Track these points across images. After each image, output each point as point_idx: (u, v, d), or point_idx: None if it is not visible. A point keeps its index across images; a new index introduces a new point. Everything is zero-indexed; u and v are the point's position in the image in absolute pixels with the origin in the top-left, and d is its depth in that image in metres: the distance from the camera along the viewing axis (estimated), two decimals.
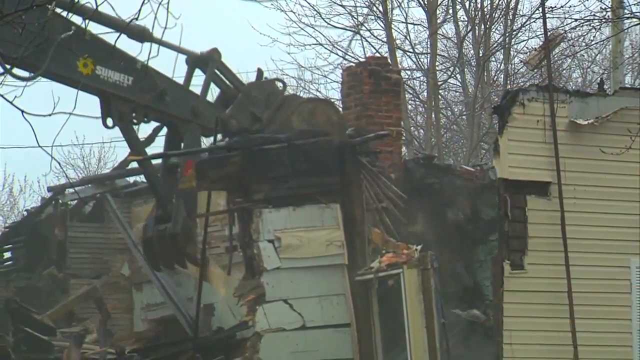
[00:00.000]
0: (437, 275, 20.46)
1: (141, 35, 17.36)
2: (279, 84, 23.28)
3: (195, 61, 20.95)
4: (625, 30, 32.65)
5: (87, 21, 16.97)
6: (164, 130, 22.05)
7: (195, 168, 22.11)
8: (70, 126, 21.48)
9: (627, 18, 30.05)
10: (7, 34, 12.09)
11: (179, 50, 19.86)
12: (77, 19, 17.57)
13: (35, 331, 24.06)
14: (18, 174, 58.77)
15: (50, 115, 17.51)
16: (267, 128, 21.34)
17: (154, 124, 21.83)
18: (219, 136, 22.00)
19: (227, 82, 21.88)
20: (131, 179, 29.75)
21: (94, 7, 9.72)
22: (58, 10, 14.82)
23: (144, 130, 22.19)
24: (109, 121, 19.33)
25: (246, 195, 21.75)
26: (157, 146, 22.28)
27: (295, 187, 21.69)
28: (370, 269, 21.29)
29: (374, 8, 38.34)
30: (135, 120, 19.98)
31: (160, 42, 17.38)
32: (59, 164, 21.59)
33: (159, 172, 22.11)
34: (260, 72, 25.69)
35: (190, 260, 22.35)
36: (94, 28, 17.35)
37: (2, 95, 10.06)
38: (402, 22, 39.51)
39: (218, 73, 21.67)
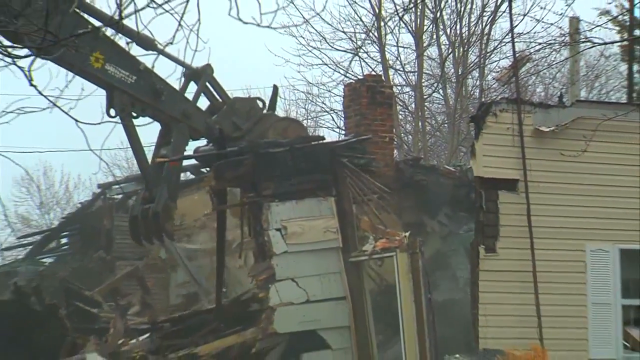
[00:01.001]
0: (423, 258, 20.49)
1: (150, 45, 17.10)
2: (259, 102, 23.39)
3: (190, 74, 20.94)
4: (581, 52, 32.42)
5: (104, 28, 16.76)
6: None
7: (214, 170, 22.14)
8: (115, 132, 21.37)
9: (582, 42, 29.83)
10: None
11: (178, 62, 19.70)
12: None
13: (85, 305, 23.88)
14: (73, 172, 58.80)
15: (99, 123, 17.13)
16: (245, 137, 21.72)
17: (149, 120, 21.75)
18: (204, 141, 22.30)
19: (215, 94, 21.79)
20: None
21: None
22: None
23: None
24: (112, 111, 19.19)
25: (257, 192, 21.87)
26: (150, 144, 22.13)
27: (297, 184, 21.90)
28: (363, 251, 21.38)
29: (370, 34, 38.34)
30: (134, 113, 19.84)
31: (163, 53, 17.19)
32: (107, 164, 21.66)
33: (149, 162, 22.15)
34: (275, 88, 25.50)
35: (168, 236, 22.43)
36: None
37: (60, 108, 9.84)
38: (394, 46, 39.58)
39: (209, 85, 21.63)
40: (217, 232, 22.43)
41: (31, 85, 9.51)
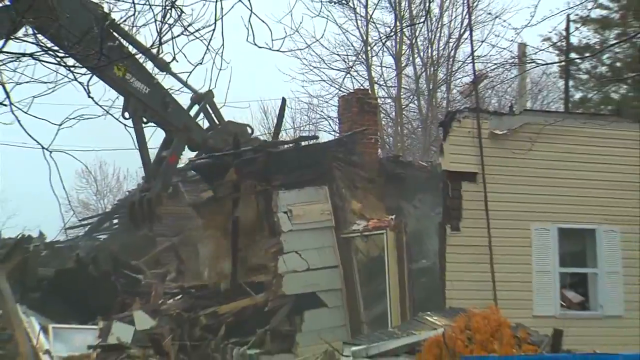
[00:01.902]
0: (407, 236, 20.69)
1: (164, 67, 16.98)
2: (249, 129, 23.57)
3: (195, 98, 20.73)
4: (527, 71, 32.33)
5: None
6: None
7: (235, 166, 22.17)
8: (157, 133, 21.35)
9: (528, 63, 29.72)
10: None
11: (186, 85, 19.65)
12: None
13: (132, 272, 23.86)
14: (123, 166, 58.54)
15: (144, 126, 16.98)
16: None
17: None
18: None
19: (213, 115, 21.49)
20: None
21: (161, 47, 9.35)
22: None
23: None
24: (126, 114, 19.08)
25: (268, 182, 21.93)
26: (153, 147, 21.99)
27: (299, 176, 22.00)
28: (354, 230, 21.62)
29: (359, 56, 38.16)
30: (144, 119, 19.71)
31: (174, 76, 17.15)
32: (150, 159, 21.44)
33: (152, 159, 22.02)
34: (284, 100, 25.54)
35: (157, 219, 22.38)
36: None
37: (112, 115, 9.82)
38: (378, 66, 39.40)
39: (208, 107, 21.35)
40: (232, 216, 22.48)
41: (89, 97, 9.49)
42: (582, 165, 20.93)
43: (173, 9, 9.37)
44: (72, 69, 9.41)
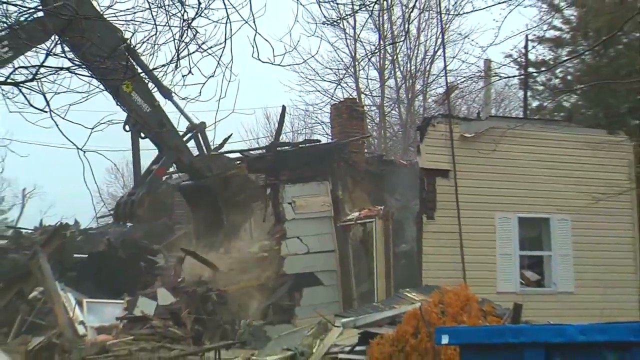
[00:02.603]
0: (392, 223, 20.77)
1: (168, 94, 16.91)
2: (237, 162, 23.05)
3: (189, 128, 20.49)
4: (492, 83, 32.30)
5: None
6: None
7: (247, 162, 22.10)
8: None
9: (493, 76, 29.73)
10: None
11: (183, 114, 19.56)
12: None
13: (154, 255, 23.81)
14: (146, 164, 58.23)
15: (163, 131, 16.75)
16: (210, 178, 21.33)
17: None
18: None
19: (202, 143, 21.28)
20: None
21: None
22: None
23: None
24: (127, 127, 18.88)
25: (276, 177, 21.79)
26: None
27: (303, 171, 21.64)
28: (350, 219, 21.60)
29: (349, 70, 38.16)
30: (142, 134, 19.52)
31: (175, 104, 17.09)
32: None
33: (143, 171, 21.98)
34: (283, 107, 25.50)
35: (138, 219, 22.37)
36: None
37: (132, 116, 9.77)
38: (365, 78, 39.38)
39: (199, 136, 21.15)
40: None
41: (117, 104, 9.49)
42: (538, 163, 20.96)
43: (189, 30, 9.36)
44: (104, 82, 9.44)
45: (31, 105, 8.80)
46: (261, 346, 16.89)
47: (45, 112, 8.81)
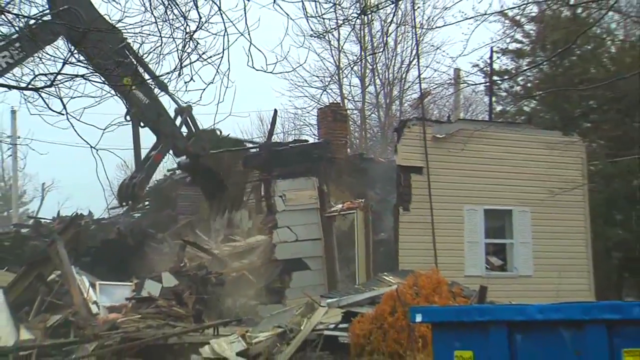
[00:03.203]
0: (371, 214, 20.65)
1: (163, 86, 16.55)
2: (218, 131, 22.00)
3: (177, 111, 19.86)
4: (460, 90, 32.38)
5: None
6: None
7: (243, 159, 21.99)
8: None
9: (461, 83, 29.88)
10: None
11: (173, 99, 18.85)
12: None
13: (158, 243, 23.70)
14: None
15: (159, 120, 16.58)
16: (207, 156, 20.42)
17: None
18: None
19: (191, 125, 20.54)
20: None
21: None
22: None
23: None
24: (127, 117, 18.34)
25: (268, 173, 21.74)
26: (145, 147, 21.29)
27: (293, 168, 21.77)
28: (334, 211, 21.42)
29: (333, 78, 38.15)
30: (141, 123, 19.00)
31: (168, 93, 16.55)
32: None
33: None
34: (275, 111, 25.45)
35: (138, 200, 21.81)
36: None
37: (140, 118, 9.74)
38: (348, 85, 39.34)
39: (188, 119, 20.29)
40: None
41: (126, 107, 9.47)
42: (502, 161, 21.01)
43: (191, 41, 9.35)
44: (115, 87, 9.43)
45: (50, 109, 8.81)
46: (255, 324, 16.87)
47: (62, 114, 8.81)
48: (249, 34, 8.91)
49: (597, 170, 25.87)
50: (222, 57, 9.59)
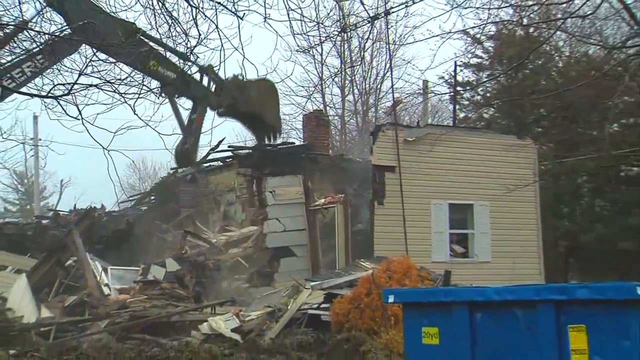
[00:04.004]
0: (350, 208, 20.68)
1: (184, 57, 16.17)
2: (240, 77, 21.04)
3: (201, 72, 19.08)
4: (428, 98, 32.41)
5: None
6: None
7: (237, 159, 21.88)
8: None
9: (429, 93, 29.87)
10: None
11: (195, 64, 18.07)
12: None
13: (163, 232, 23.60)
14: (157, 160, 57.68)
15: (171, 134, 16.33)
16: (239, 102, 19.47)
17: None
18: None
19: (215, 80, 19.48)
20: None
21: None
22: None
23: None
24: (163, 94, 17.88)
25: (260, 171, 21.71)
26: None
27: (281, 167, 21.61)
28: (318, 205, 21.33)
29: (316, 87, 38.14)
30: (176, 95, 18.34)
31: (190, 61, 16.14)
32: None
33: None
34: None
35: (194, 163, 21.19)
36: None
37: (151, 127, 9.70)
38: (329, 94, 39.23)
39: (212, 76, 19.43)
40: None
41: (135, 114, 9.41)
42: (465, 161, 21.04)
43: (191, 55, 9.33)
44: (124, 95, 9.38)
45: (67, 114, 8.77)
46: (247, 304, 16.83)
47: (78, 119, 8.77)
48: (242, 49, 8.89)
49: (547, 169, 26.02)
50: (218, 69, 9.59)
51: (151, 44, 15.44)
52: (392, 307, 12.07)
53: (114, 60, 10.54)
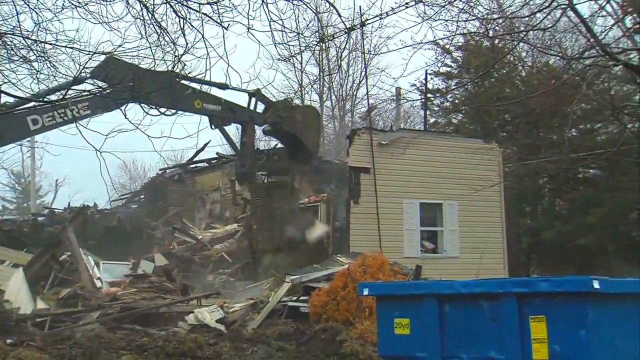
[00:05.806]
0: (333, 206, 20.60)
1: (223, 87, 16.07)
2: (289, 100, 20.91)
3: (250, 95, 18.82)
4: (401, 104, 32.53)
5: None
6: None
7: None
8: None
9: (402, 99, 29.98)
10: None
11: (243, 91, 17.91)
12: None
13: (152, 229, 23.48)
14: (147, 162, 57.30)
15: (160, 137, 16.23)
16: (284, 121, 18.83)
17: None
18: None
19: (265, 101, 19.55)
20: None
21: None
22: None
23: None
24: (212, 127, 17.69)
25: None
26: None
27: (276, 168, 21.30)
28: (303, 202, 21.20)
29: (297, 94, 37.99)
30: (224, 125, 18.11)
31: (232, 88, 16.08)
32: (163, 158, 20.80)
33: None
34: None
35: (254, 180, 20.48)
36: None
37: (142, 131, 9.65)
38: (309, 100, 39.11)
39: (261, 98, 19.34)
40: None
41: (125, 118, 9.39)
42: (435, 163, 21.08)
43: (179, 63, 9.31)
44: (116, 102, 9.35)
45: (62, 118, 8.70)
46: (231, 296, 16.78)
47: (72, 123, 8.72)
48: (227, 57, 8.85)
49: (511, 171, 26.17)
50: (204, 76, 9.54)
51: (192, 84, 15.49)
52: (366, 299, 12.10)
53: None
